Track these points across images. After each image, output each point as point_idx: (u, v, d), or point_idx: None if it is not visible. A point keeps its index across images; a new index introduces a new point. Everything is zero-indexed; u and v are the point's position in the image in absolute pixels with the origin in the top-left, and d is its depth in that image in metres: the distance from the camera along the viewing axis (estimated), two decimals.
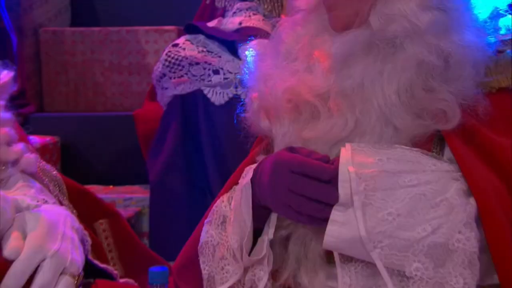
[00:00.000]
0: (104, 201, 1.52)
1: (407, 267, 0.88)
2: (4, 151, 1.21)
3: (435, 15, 0.96)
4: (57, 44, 2.52)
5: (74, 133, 2.23)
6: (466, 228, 0.89)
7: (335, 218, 0.90)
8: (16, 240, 1.01)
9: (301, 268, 1.00)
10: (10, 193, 1.12)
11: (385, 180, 0.91)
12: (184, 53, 1.86)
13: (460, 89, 0.94)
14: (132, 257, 1.43)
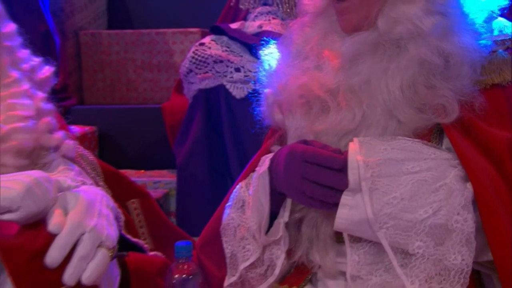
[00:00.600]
0: (136, 183, 1.52)
1: (410, 245, 0.88)
2: (46, 138, 1.21)
3: (436, 19, 0.95)
4: (95, 45, 2.54)
5: (110, 123, 2.25)
6: (464, 210, 0.88)
7: (345, 202, 0.90)
8: (59, 217, 1.01)
9: (313, 247, 1.00)
10: (52, 175, 1.12)
11: (390, 167, 0.90)
12: (209, 52, 1.86)
13: (458, 86, 0.93)
14: (160, 233, 1.44)
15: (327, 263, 0.99)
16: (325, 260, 0.99)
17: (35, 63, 1.27)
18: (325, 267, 1.00)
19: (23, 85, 1.20)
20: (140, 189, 1.49)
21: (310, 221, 1.01)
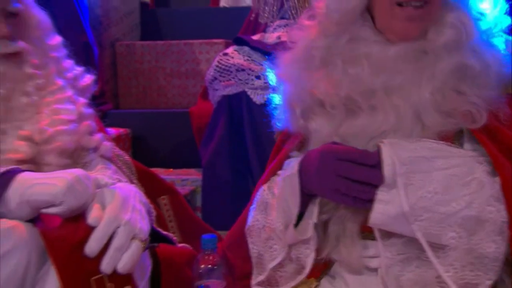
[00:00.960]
0: (166, 181, 1.52)
1: (443, 237, 0.86)
2: (87, 139, 1.22)
3: (477, 29, 0.95)
4: (130, 55, 2.56)
5: (142, 126, 2.26)
6: (496, 202, 0.87)
7: (381, 198, 0.88)
8: (97, 211, 1.01)
9: (340, 244, 0.98)
10: (92, 173, 1.13)
11: (422, 164, 0.89)
12: (233, 61, 1.86)
13: (487, 95, 0.92)
14: (187, 227, 1.44)
15: (353, 259, 0.97)
16: (352, 256, 0.97)
17: (78, 72, 1.29)
18: (351, 263, 0.98)
19: (67, 92, 1.22)
20: (170, 186, 1.50)
21: (337, 220, 0.99)
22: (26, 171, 1.06)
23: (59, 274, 0.97)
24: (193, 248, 1.28)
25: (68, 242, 0.98)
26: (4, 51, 1.12)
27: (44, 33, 1.24)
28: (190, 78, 2.51)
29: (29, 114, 1.15)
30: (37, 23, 1.23)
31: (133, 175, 1.34)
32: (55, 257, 0.98)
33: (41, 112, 1.16)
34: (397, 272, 0.92)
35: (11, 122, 1.13)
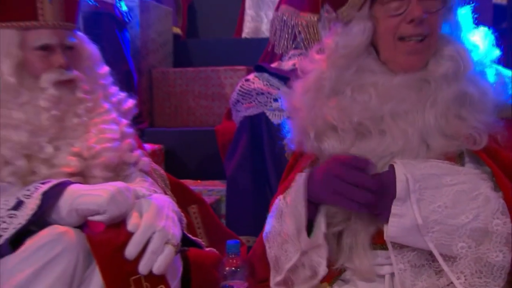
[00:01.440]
0: (194, 191, 1.52)
1: (454, 247, 0.85)
2: (128, 155, 1.23)
3: (474, 60, 0.94)
4: (164, 80, 2.57)
5: (174, 142, 2.26)
6: (503, 215, 0.86)
7: (395, 212, 0.87)
8: (136, 219, 1.03)
9: (353, 255, 0.97)
10: (131, 185, 1.14)
11: (432, 181, 0.88)
12: (253, 86, 1.85)
13: (486, 120, 0.91)
14: (214, 233, 1.43)
15: (364, 267, 0.96)
16: (363, 265, 0.96)
17: (121, 97, 1.31)
18: (362, 271, 0.96)
19: (112, 114, 1.23)
20: (198, 196, 1.50)
21: (349, 233, 0.97)
22: (75, 183, 1.08)
23: (103, 274, 0.97)
24: (218, 252, 1.28)
25: (110, 246, 0.99)
26: (61, 78, 1.15)
27: (94, 63, 1.27)
28: (216, 100, 2.51)
29: (79, 133, 1.17)
30: (88, 55, 1.26)
31: (167, 186, 1.35)
32: (99, 259, 0.98)
33: (89, 131, 1.18)
34: (409, 282, 0.90)
35: (64, 140, 1.15)
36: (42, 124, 1.12)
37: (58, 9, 1.15)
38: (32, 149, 1.11)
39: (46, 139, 1.12)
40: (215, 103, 2.50)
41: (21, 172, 1.10)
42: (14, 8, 1.13)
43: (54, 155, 1.13)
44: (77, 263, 0.98)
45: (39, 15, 1.13)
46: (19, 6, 1.13)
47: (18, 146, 1.10)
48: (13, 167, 1.10)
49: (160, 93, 2.55)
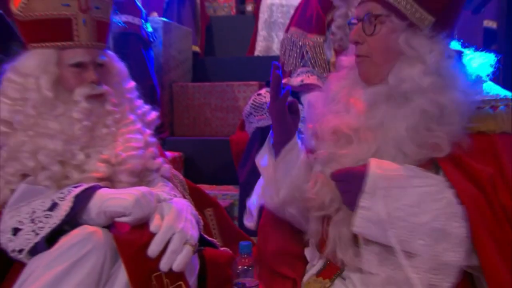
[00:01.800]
0: (210, 195, 1.52)
1: (413, 243, 0.84)
2: (151, 163, 1.24)
3: (434, 79, 0.91)
4: (183, 93, 2.58)
5: (192, 150, 2.26)
6: (462, 219, 0.85)
7: (362, 204, 0.87)
8: (158, 220, 1.03)
9: (337, 247, 0.97)
10: (154, 189, 1.14)
11: (401, 180, 0.88)
12: (265, 100, 1.84)
13: (450, 130, 0.90)
14: (227, 234, 1.43)
15: (347, 260, 0.96)
16: (346, 257, 0.96)
17: (146, 109, 1.31)
18: (346, 263, 0.96)
19: (137, 125, 1.24)
20: (213, 200, 1.49)
21: (335, 226, 0.98)
22: (103, 187, 1.08)
23: (127, 271, 0.98)
24: (231, 251, 1.27)
25: (135, 245, 0.99)
26: (92, 93, 1.16)
27: (122, 79, 1.28)
28: (230, 112, 2.51)
29: (107, 142, 1.17)
30: (117, 71, 1.27)
31: (186, 191, 1.35)
32: (124, 257, 0.98)
33: (117, 140, 1.18)
34: (375, 272, 0.90)
35: (94, 148, 1.16)
36: (75, 133, 1.13)
37: (91, 31, 1.17)
38: (66, 156, 1.12)
39: (78, 147, 1.13)
40: (230, 115, 2.51)
41: (55, 177, 1.11)
42: (53, 30, 1.14)
43: (85, 161, 1.13)
44: (105, 260, 0.99)
45: (74, 36, 1.15)
46: (57, 28, 1.14)
47: (53, 153, 1.10)
48: (49, 172, 1.11)
49: (180, 106, 2.57)
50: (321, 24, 1.89)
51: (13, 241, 1.02)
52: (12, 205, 1.07)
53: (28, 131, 1.11)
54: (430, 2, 0.93)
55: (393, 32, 0.94)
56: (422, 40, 0.93)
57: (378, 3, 0.95)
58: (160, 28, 2.53)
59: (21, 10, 1.13)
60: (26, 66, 1.14)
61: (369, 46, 0.97)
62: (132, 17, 2.22)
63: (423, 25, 0.93)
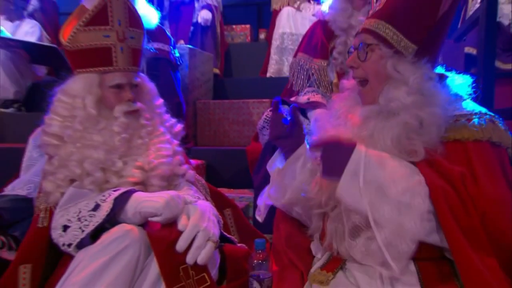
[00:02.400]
0: (229, 198, 1.51)
1: (381, 208, 0.85)
2: (178, 169, 1.25)
3: (416, 97, 0.93)
4: (205, 109, 2.57)
5: (213, 158, 2.24)
6: (426, 197, 0.86)
7: (348, 168, 0.89)
8: (185, 220, 1.04)
9: (333, 240, 0.98)
10: (181, 193, 1.16)
11: (380, 159, 0.90)
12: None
13: (428, 139, 0.92)
14: (244, 231, 1.42)
15: (342, 250, 0.96)
16: (341, 248, 0.96)
17: (173, 122, 1.33)
18: (341, 252, 0.97)
19: (166, 136, 1.25)
20: (231, 202, 1.49)
21: (331, 222, 0.98)
22: (138, 191, 1.10)
23: (159, 263, 0.99)
24: (247, 247, 1.27)
25: (165, 241, 1.00)
26: (129, 109, 1.19)
27: (153, 97, 1.30)
28: (246, 126, 2.49)
29: (142, 151, 1.19)
30: (148, 90, 1.29)
31: (207, 194, 1.35)
32: (156, 251, 1.00)
33: (149, 149, 1.20)
34: (351, 242, 0.94)
35: (130, 156, 1.18)
36: (115, 144, 1.15)
37: (127, 57, 1.19)
38: (107, 163, 1.14)
39: (117, 156, 1.15)
40: (245, 128, 2.49)
41: (98, 182, 1.13)
42: (95, 57, 1.17)
43: (123, 168, 1.15)
44: (140, 254, 0.99)
45: (113, 62, 1.17)
46: (99, 56, 1.17)
47: (97, 161, 1.12)
48: (92, 177, 1.12)
49: (202, 120, 2.56)
50: (325, 50, 1.90)
51: (63, 237, 1.04)
52: (62, 206, 1.09)
53: (76, 143, 1.13)
54: (413, 33, 0.94)
55: (382, 58, 0.96)
56: (406, 65, 0.95)
57: (370, 34, 0.97)
58: (186, 54, 2.54)
59: (69, 42, 1.16)
60: (73, 89, 1.17)
61: (363, 70, 0.99)
62: (162, 44, 2.25)
63: (407, 52, 0.95)
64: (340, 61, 1.83)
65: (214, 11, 3.35)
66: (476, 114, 0.94)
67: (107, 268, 0.96)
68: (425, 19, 0.93)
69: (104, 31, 1.15)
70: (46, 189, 1.13)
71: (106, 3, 1.14)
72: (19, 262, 1.08)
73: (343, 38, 1.80)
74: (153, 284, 0.99)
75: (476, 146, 0.91)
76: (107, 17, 1.14)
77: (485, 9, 1.25)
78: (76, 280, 0.95)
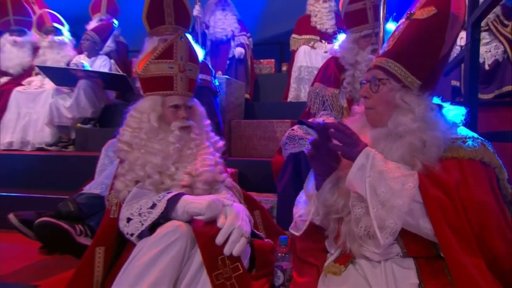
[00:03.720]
0: (257, 201, 1.50)
1: (378, 190, 0.84)
2: (218, 176, 1.25)
3: (421, 123, 0.92)
4: (238, 127, 2.58)
5: (244, 167, 2.23)
6: (416, 183, 0.86)
7: (359, 162, 0.88)
8: (223, 219, 1.04)
9: (347, 240, 0.95)
10: (220, 196, 1.15)
11: (384, 159, 0.90)
12: (297, 133, 1.82)
13: (429, 158, 0.90)
14: (269, 229, 1.40)
15: (354, 248, 0.94)
16: (353, 247, 0.94)
17: (216, 139, 1.33)
18: (354, 251, 0.94)
19: (210, 149, 1.26)
20: (260, 205, 1.48)
21: (345, 225, 0.96)
22: (186, 194, 1.10)
23: (202, 253, 0.99)
24: (272, 242, 1.25)
25: (207, 235, 1.00)
26: (183, 125, 1.20)
27: (202, 118, 1.31)
28: (271, 141, 2.48)
29: (190, 160, 1.20)
30: (199, 112, 1.30)
31: (241, 198, 1.34)
32: (200, 244, 1.00)
33: (196, 159, 1.21)
34: (370, 256, 0.92)
35: (181, 163, 1.19)
36: (170, 152, 1.16)
37: (185, 85, 1.22)
38: (163, 168, 1.16)
39: (171, 162, 1.17)
40: (270, 143, 2.48)
41: (155, 183, 1.15)
42: (160, 83, 1.21)
43: (175, 173, 1.17)
44: (187, 245, 1.00)
45: (174, 88, 1.21)
46: (163, 83, 1.21)
47: (155, 166, 1.15)
48: (152, 179, 1.15)
49: (235, 136, 2.56)
50: (337, 81, 1.89)
51: (127, 227, 1.06)
52: (127, 202, 1.12)
53: (141, 149, 1.16)
54: (418, 71, 0.94)
55: (391, 91, 0.95)
56: (412, 97, 0.94)
57: (381, 70, 0.96)
58: (223, 83, 2.57)
59: (142, 71, 1.22)
60: (142, 107, 1.21)
61: (374, 100, 0.98)
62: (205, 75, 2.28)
63: (413, 86, 0.94)
64: (348, 89, 1.83)
65: (246, 48, 3.42)
66: (470, 138, 0.93)
67: (161, 256, 0.97)
68: (429, 60, 0.93)
69: (169, 64, 1.19)
70: (117, 187, 1.15)
71: (173, 43, 1.19)
72: (95, 244, 1.11)
73: (351, 71, 1.80)
74: (196, 270, 0.99)
75: (470, 164, 0.89)
76: (172, 53, 1.19)
77: (469, 50, 1.25)
78: (137, 264, 0.96)
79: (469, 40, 1.26)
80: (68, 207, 1.46)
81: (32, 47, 3.10)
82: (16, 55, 3.03)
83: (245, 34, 3.45)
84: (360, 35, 1.78)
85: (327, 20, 3.28)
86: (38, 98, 2.83)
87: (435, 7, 0.90)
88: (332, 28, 3.28)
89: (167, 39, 1.37)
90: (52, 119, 2.74)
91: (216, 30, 3.39)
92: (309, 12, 3.38)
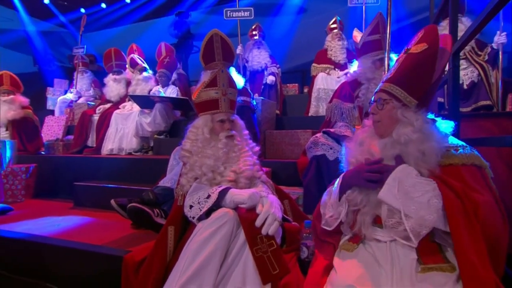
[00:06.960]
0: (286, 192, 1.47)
1: (409, 207, 0.80)
2: (256, 173, 1.25)
3: (419, 135, 0.87)
4: (271, 136, 2.57)
5: (276, 167, 2.21)
6: (440, 199, 0.80)
7: (388, 182, 0.85)
8: (260, 207, 1.03)
9: (361, 226, 0.91)
10: (257, 189, 1.15)
11: (409, 176, 0.85)
12: (320, 140, 1.76)
13: (429, 165, 0.85)
14: (296, 214, 1.37)
15: (368, 234, 0.90)
16: (367, 232, 0.90)
17: (254, 145, 1.33)
18: (367, 235, 0.90)
19: (249, 153, 1.26)
20: (288, 195, 1.45)
21: (361, 215, 0.92)
22: (232, 188, 1.12)
23: (245, 233, 0.99)
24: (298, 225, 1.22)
25: (249, 219, 1.01)
26: (228, 134, 1.23)
27: (242, 129, 1.33)
28: (296, 146, 2.44)
29: (235, 161, 1.22)
30: (240, 125, 1.33)
31: (274, 190, 1.33)
32: (243, 225, 1.00)
33: (239, 160, 1.22)
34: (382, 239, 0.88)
35: (228, 164, 1.21)
36: (219, 155, 1.19)
37: (228, 104, 1.26)
38: (215, 168, 1.19)
39: (221, 163, 1.19)
40: (296, 148, 2.44)
41: (209, 179, 1.18)
42: (210, 105, 1.26)
43: (224, 171, 1.19)
44: (234, 227, 1.01)
45: (220, 107, 1.25)
46: (212, 105, 1.25)
47: (209, 166, 1.18)
48: (206, 176, 1.18)
49: (269, 142, 2.57)
50: (352, 97, 1.85)
51: (190, 212, 1.10)
52: (189, 193, 1.16)
53: (198, 154, 1.21)
54: (415, 93, 0.91)
55: (394, 108, 0.93)
56: (411, 113, 0.91)
57: (385, 93, 0.94)
58: (259, 102, 2.60)
59: (196, 98, 1.28)
60: (198, 124, 1.27)
61: (380, 116, 0.95)
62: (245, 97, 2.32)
63: (411, 104, 0.92)
64: (362, 99, 1.82)
65: (276, 76, 3.49)
66: (460, 146, 0.90)
67: (214, 234, 0.99)
68: (423, 84, 0.91)
69: (215, 90, 1.25)
70: (182, 183, 1.21)
71: (217, 75, 1.25)
72: (168, 224, 1.16)
73: (366, 85, 1.80)
74: (241, 245, 1.00)
75: (465, 168, 0.87)
76: (216, 82, 1.25)
77: (451, 74, 1.28)
78: (197, 239, 0.99)
79: (451, 66, 1.29)
80: (149, 196, 1.57)
81: (126, 81, 3.45)
82: (116, 88, 3.45)
83: (275, 65, 3.56)
84: (376, 58, 1.80)
85: (340, 54, 3.36)
86: (129, 117, 3.16)
87: (427, 44, 0.90)
88: (344, 60, 3.36)
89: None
90: (138, 132, 3.03)
91: (253, 63, 3.54)
92: (326, 46, 3.46)
